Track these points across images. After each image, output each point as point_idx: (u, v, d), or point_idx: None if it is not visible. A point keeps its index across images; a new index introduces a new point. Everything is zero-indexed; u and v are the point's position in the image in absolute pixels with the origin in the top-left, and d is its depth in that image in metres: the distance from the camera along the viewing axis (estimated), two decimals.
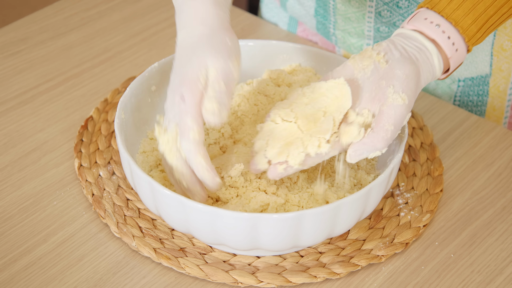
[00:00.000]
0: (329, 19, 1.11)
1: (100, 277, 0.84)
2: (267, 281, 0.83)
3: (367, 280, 0.85)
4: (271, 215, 0.77)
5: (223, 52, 0.82)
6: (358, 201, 0.80)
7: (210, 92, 0.81)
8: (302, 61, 1.01)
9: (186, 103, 0.81)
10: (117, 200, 0.91)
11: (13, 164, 0.97)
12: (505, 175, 0.97)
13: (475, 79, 1.08)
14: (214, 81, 0.82)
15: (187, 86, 0.82)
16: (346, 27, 1.10)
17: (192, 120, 0.81)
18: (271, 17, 1.25)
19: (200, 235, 0.81)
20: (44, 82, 1.09)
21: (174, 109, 0.82)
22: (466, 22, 0.82)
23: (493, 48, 1.04)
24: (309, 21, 1.16)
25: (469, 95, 1.10)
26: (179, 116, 0.82)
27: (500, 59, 1.05)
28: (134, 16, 1.23)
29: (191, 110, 0.81)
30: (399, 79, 0.81)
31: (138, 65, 1.13)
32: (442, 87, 1.11)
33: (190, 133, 0.81)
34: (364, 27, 1.08)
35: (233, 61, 0.83)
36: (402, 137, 0.86)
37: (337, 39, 1.14)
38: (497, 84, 1.08)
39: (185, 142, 0.81)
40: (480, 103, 1.10)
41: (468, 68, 1.07)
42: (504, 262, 0.87)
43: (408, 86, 0.81)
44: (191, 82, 0.82)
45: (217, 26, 0.84)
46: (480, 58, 1.06)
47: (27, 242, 0.87)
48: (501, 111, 1.10)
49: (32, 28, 1.19)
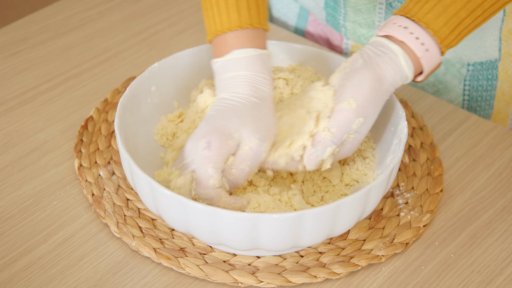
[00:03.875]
0: (339, 11, 1.12)
1: (100, 277, 0.84)
2: (267, 281, 0.83)
3: (367, 280, 0.85)
4: (271, 215, 0.77)
5: (262, 131, 0.84)
6: (358, 201, 0.80)
7: (233, 174, 0.83)
8: (302, 61, 1.01)
9: (211, 151, 0.82)
10: (117, 200, 0.91)
11: (13, 164, 0.97)
12: (505, 175, 0.97)
13: (484, 64, 1.09)
14: (242, 161, 0.83)
15: (218, 136, 0.82)
16: (356, 19, 1.11)
17: (214, 169, 0.82)
18: (280, 8, 1.25)
19: (200, 235, 0.81)
20: (44, 82, 1.09)
21: (195, 154, 0.82)
22: (437, 25, 0.84)
23: (501, 33, 1.05)
24: (318, 13, 1.16)
25: (478, 79, 1.11)
26: (200, 163, 0.82)
27: (509, 44, 1.06)
28: (134, 16, 1.23)
29: (215, 158, 0.82)
30: (352, 85, 0.84)
31: (138, 65, 1.13)
32: (452, 71, 1.11)
33: (210, 181, 0.81)
34: (375, 18, 1.09)
35: (267, 143, 0.85)
36: (402, 137, 0.86)
37: (347, 30, 1.14)
38: (506, 68, 1.08)
39: (203, 190, 0.82)
40: (489, 87, 1.11)
41: (477, 52, 1.08)
42: (504, 262, 0.87)
43: (358, 91, 0.84)
44: (223, 135, 0.83)
45: (263, 100, 0.86)
46: (489, 43, 1.06)
47: (27, 242, 0.87)
48: (511, 95, 1.11)
49: (32, 28, 1.19)
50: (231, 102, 0.85)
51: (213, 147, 0.82)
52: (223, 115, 0.85)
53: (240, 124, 0.84)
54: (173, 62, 0.97)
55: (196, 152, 0.82)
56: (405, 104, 1.05)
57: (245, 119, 0.84)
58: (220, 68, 0.88)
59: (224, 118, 0.84)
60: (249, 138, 0.84)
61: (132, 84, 0.92)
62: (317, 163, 0.85)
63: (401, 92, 1.09)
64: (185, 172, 0.82)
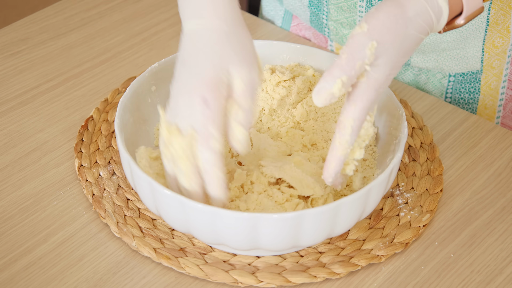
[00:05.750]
0: (322, 10, 1.10)
1: (100, 277, 0.84)
2: (267, 281, 0.83)
3: (367, 280, 0.85)
4: (271, 215, 0.77)
5: (246, 58, 0.79)
6: (358, 201, 0.80)
7: (240, 115, 0.78)
8: (302, 61, 1.01)
9: (210, 109, 0.77)
10: (117, 200, 0.91)
11: (13, 164, 0.97)
12: (505, 175, 0.97)
13: (466, 75, 1.08)
14: (242, 98, 0.78)
15: (211, 89, 0.77)
16: (338, 17, 1.09)
17: (215, 128, 0.77)
18: (269, 10, 1.25)
19: (200, 235, 0.81)
20: (45, 82, 1.09)
21: (194, 112, 0.78)
22: None
23: (484, 44, 1.04)
24: (303, 13, 1.15)
25: (460, 92, 1.10)
26: (201, 122, 0.77)
27: (492, 56, 1.05)
28: (134, 16, 1.23)
29: (216, 117, 0.77)
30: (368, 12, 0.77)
31: (138, 65, 1.13)
32: (433, 81, 1.10)
33: (211, 142, 0.77)
34: (356, 17, 1.07)
35: (256, 68, 0.80)
36: (402, 137, 0.86)
37: (330, 30, 1.12)
38: (489, 81, 1.07)
39: (205, 151, 0.78)
40: (471, 101, 1.10)
41: (459, 63, 1.07)
42: (504, 262, 0.87)
43: (372, 15, 0.75)
44: (215, 86, 0.77)
45: (234, 22, 0.80)
46: (471, 54, 1.05)
47: (27, 242, 0.87)
48: (493, 109, 1.10)
49: (33, 28, 1.19)
50: (202, 35, 0.79)
51: (211, 103, 0.77)
52: (200, 57, 0.79)
53: (223, 61, 0.78)
54: (173, 62, 0.97)
55: (193, 109, 0.78)
56: (405, 104, 1.05)
57: (225, 53, 0.78)
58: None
59: (204, 62, 0.78)
60: (238, 72, 0.78)
61: (132, 84, 0.92)
62: (326, 97, 0.75)
63: (401, 92, 1.09)
64: (187, 130, 0.78)
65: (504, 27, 1.03)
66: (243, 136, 0.79)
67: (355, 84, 0.77)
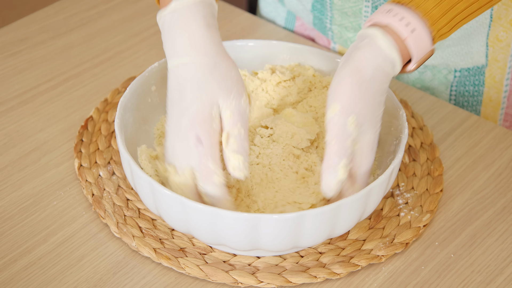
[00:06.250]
0: (326, 14, 1.10)
1: (100, 277, 0.84)
2: (267, 281, 0.83)
3: (367, 280, 0.85)
4: (271, 215, 0.77)
5: (232, 88, 0.81)
6: (358, 202, 0.80)
7: (233, 143, 0.80)
8: (302, 61, 1.01)
9: (204, 146, 0.80)
10: (117, 200, 0.91)
11: (13, 164, 0.97)
12: (505, 175, 0.97)
13: (471, 70, 1.08)
14: (233, 127, 0.80)
15: (203, 127, 0.80)
16: (342, 22, 1.10)
17: (214, 163, 0.80)
18: (269, 12, 1.24)
19: (200, 235, 0.81)
20: (44, 82, 1.09)
21: (190, 152, 0.81)
22: (427, 7, 0.79)
23: (488, 39, 1.04)
24: (306, 16, 1.16)
25: (465, 85, 1.10)
26: (198, 160, 0.80)
27: (496, 50, 1.06)
28: (134, 16, 1.23)
29: (211, 153, 0.80)
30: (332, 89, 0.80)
31: (138, 65, 1.13)
32: (438, 77, 1.11)
33: (214, 177, 0.80)
34: (361, 21, 1.08)
35: (243, 94, 0.82)
36: (402, 138, 0.86)
37: (334, 34, 1.13)
38: (493, 74, 1.08)
39: (210, 187, 0.80)
40: (476, 93, 1.10)
41: (464, 59, 1.07)
42: (504, 262, 0.87)
43: (339, 92, 0.79)
44: (206, 123, 0.80)
45: (216, 54, 0.82)
46: (476, 49, 1.06)
47: (27, 242, 0.87)
48: (498, 101, 1.10)
49: (32, 28, 1.19)
50: (186, 73, 0.81)
51: (204, 140, 0.80)
52: (188, 96, 0.81)
53: (210, 96, 0.80)
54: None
55: (189, 149, 0.81)
56: (405, 104, 1.05)
57: (211, 87, 0.80)
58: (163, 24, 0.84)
59: (193, 100, 0.80)
60: (226, 104, 0.80)
61: (132, 84, 0.92)
62: (337, 188, 0.80)
63: (401, 92, 1.09)
64: (185, 171, 0.81)
65: (507, 21, 1.03)
66: (240, 162, 0.81)
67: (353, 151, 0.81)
